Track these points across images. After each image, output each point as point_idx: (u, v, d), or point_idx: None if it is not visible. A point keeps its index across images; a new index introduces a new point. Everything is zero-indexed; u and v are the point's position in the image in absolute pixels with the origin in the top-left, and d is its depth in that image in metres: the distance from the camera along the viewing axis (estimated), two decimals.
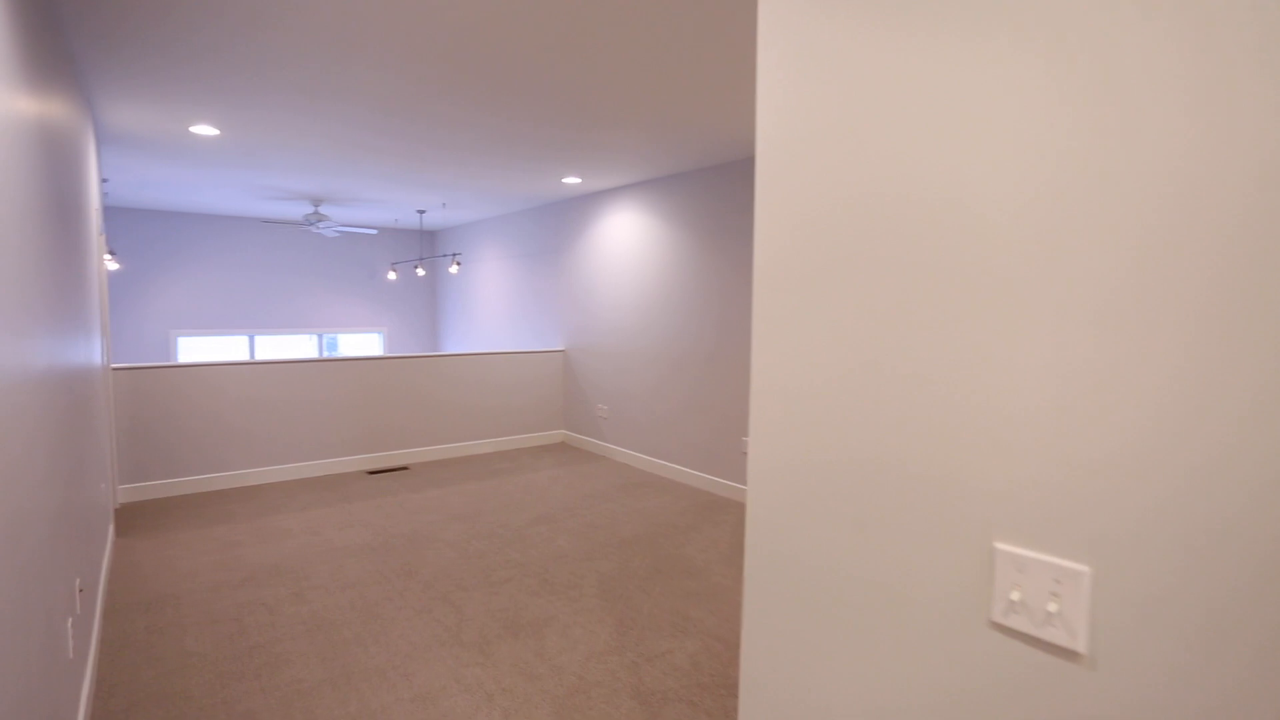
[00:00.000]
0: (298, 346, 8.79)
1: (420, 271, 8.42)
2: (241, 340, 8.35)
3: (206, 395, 4.93)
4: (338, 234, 7.68)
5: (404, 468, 5.70)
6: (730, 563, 3.67)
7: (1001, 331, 0.71)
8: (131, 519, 4.32)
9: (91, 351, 3.29)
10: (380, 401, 5.71)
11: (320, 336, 8.87)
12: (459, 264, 8.56)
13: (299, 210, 7.36)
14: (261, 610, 3.06)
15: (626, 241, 5.84)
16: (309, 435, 5.38)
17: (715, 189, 4.95)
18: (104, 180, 5.76)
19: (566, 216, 6.61)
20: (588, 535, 4.08)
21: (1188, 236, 0.58)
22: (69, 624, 1.98)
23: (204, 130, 4.08)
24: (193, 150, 4.61)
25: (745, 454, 4.78)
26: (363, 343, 9.29)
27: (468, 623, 2.95)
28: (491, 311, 8.07)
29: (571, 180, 5.62)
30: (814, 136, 0.87)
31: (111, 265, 6.56)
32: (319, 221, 6.73)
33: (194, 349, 8.09)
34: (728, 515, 4.49)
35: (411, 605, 3.11)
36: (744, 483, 4.80)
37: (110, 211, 7.34)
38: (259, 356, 8.45)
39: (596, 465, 5.85)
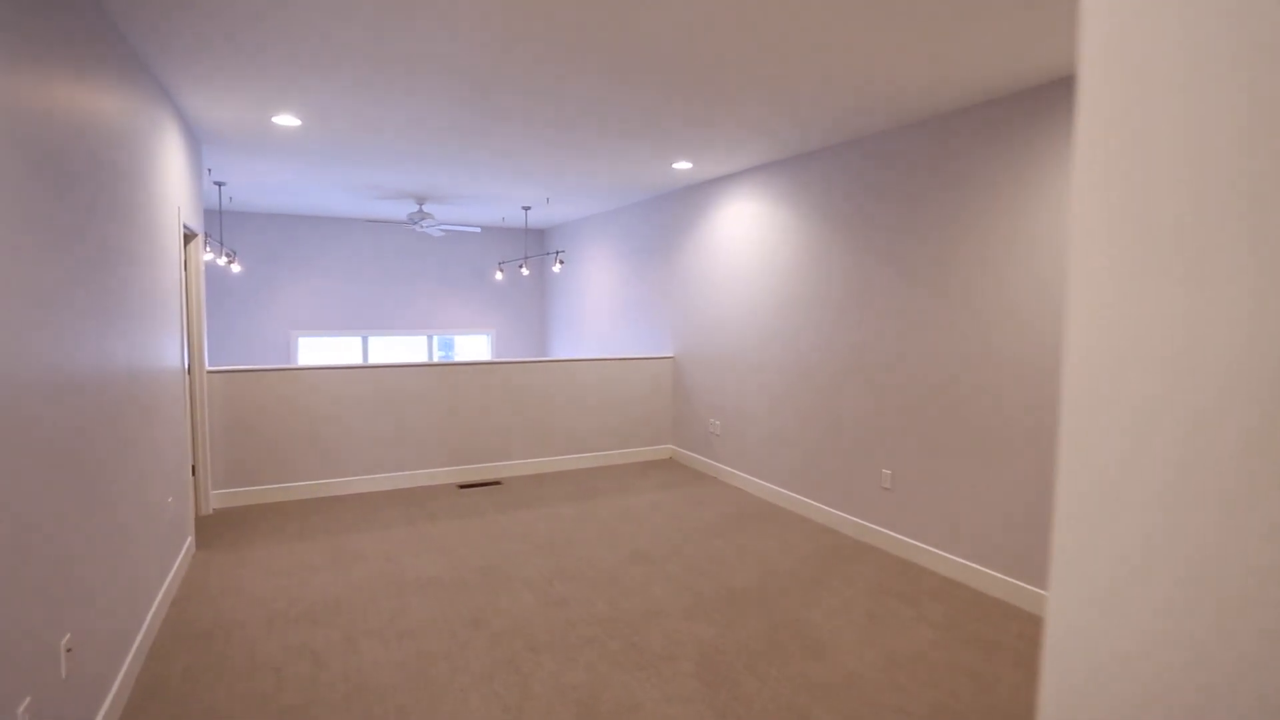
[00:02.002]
0: (409, 348, 8.78)
1: (524, 271, 8.12)
2: (356, 341, 8.43)
3: (301, 400, 4.76)
4: (443, 233, 7.50)
5: (497, 482, 5.30)
6: (865, 638, 2.85)
7: None
8: (218, 528, 4.16)
9: (157, 354, 3.05)
10: (476, 409, 5.35)
11: (430, 338, 8.82)
12: (562, 262, 8.18)
13: (405, 209, 7.24)
14: (307, 659, 2.65)
15: (746, 236, 5.11)
16: (402, 444, 5.10)
17: (859, 169, 4.11)
18: (219, 184, 5.81)
19: (677, 209, 5.98)
20: (690, 583, 3.41)
21: None
22: (21, 709, 1.58)
23: (286, 121, 3.82)
24: (279, 144, 4.41)
25: (887, 489, 3.91)
26: (472, 344, 9.16)
27: (532, 703, 2.37)
28: (599, 313, 7.59)
29: (682, 166, 4.97)
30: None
31: (234, 268, 6.71)
32: (423, 219, 6.53)
33: (313, 350, 8.24)
34: (862, 566, 3.66)
35: (471, 669, 2.58)
36: (883, 524, 3.93)
37: (233, 216, 7.58)
38: (370, 358, 8.50)
39: (705, 489, 5.17)
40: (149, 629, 2.72)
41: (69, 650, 1.87)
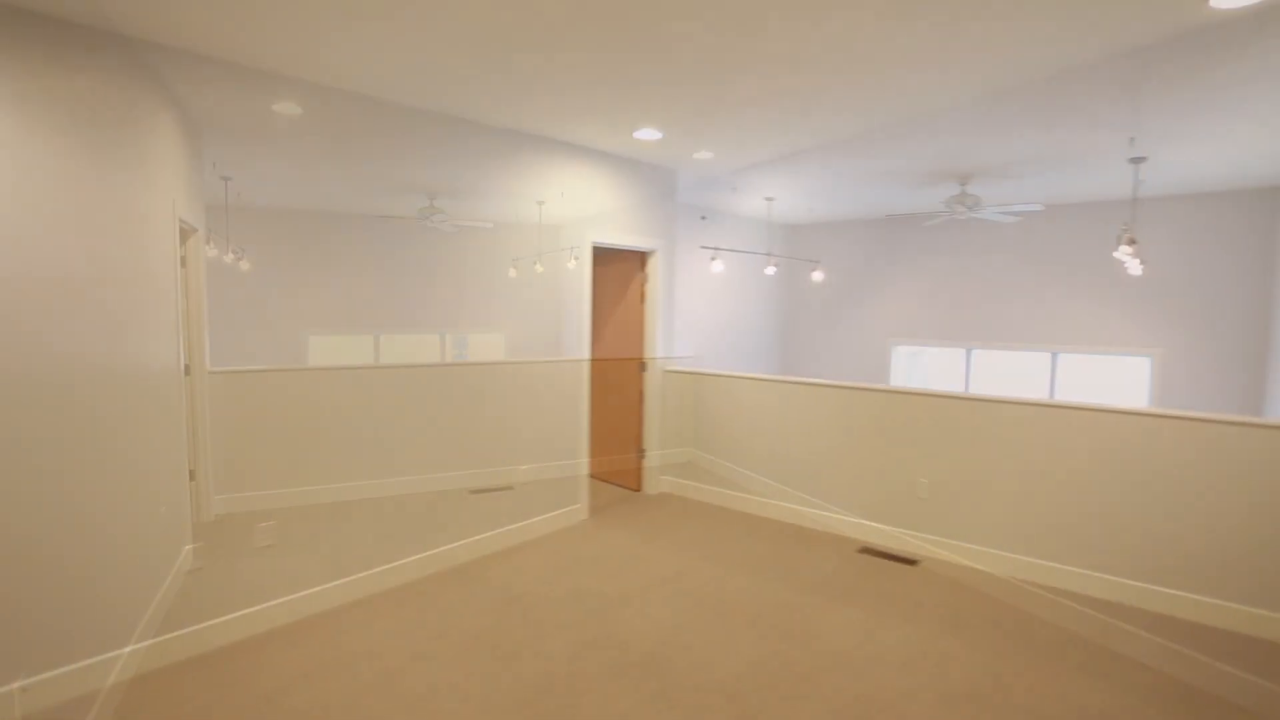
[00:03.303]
0: (422, 348, 8.60)
1: (539, 268, 7.91)
2: (368, 341, 8.27)
3: (309, 402, 4.59)
4: (454, 229, 7.31)
5: (509, 487, 5.10)
6: (912, 670, 2.60)
7: None
8: (219, 536, 3.99)
9: (145, 353, 2.87)
10: (484, 411, 5.16)
11: (443, 336, 8.64)
12: (576, 259, 7.96)
13: (416, 204, 7.06)
14: None
15: (760, 232, 4.84)
16: (413, 447, 4.93)
17: (906, 155, 3.83)
18: (226, 179, 5.65)
19: (693, 203, 5.72)
20: (715, 604, 3.17)
21: None
22: None
23: (287, 109, 3.63)
24: (284, 136, 4.23)
25: (921, 498, 3.64)
26: (486, 343, 8.97)
27: None
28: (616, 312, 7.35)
29: (703, 155, 4.72)
30: None
31: (243, 266, 6.56)
32: (433, 215, 6.34)
33: (325, 350, 8.10)
34: (897, 583, 3.39)
35: None
36: (918, 538, 3.66)
37: (244, 214, 7.42)
38: (382, 359, 8.34)
39: (724, 496, 4.92)
40: (130, 660, 2.53)
41: (25, 690, 1.67)
